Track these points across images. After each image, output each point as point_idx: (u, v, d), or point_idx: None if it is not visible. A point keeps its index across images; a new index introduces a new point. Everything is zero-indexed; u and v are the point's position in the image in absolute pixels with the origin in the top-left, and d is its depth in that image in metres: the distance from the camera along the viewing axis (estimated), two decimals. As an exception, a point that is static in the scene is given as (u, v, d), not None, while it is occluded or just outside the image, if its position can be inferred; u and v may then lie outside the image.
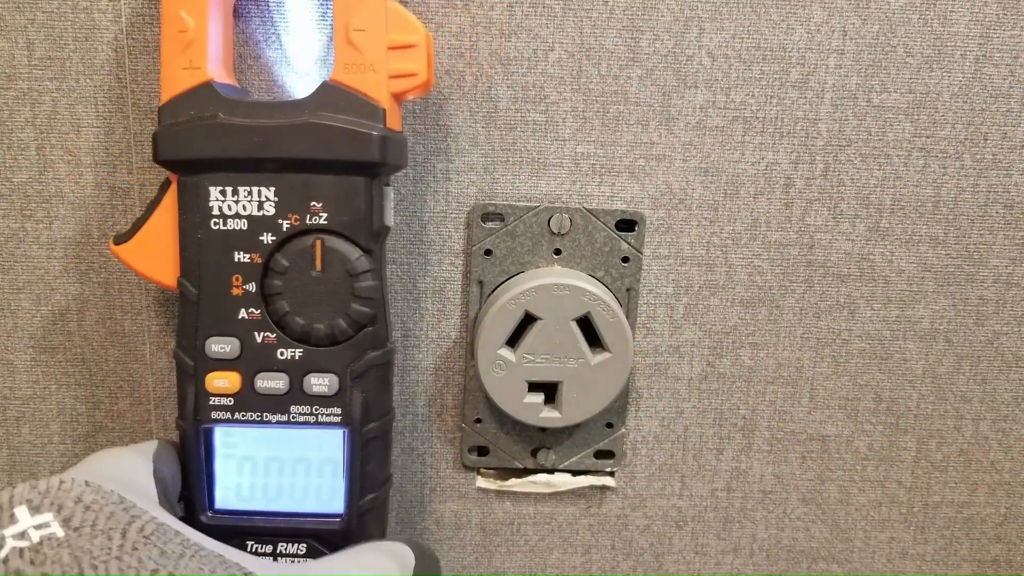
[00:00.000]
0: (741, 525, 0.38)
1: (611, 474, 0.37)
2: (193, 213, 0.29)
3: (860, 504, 0.38)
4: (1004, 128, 0.34)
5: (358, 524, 0.31)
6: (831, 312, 0.36)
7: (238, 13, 0.32)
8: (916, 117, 0.34)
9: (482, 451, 0.36)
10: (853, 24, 0.33)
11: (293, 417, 0.30)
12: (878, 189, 0.35)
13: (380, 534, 0.32)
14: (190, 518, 0.30)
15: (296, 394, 0.30)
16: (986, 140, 0.34)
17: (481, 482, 0.37)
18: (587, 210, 0.34)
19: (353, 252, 0.29)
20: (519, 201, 0.34)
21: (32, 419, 0.36)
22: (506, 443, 0.36)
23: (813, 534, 0.39)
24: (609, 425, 0.36)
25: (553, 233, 0.34)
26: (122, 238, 0.30)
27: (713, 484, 0.38)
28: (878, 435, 0.38)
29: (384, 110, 0.28)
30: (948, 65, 0.34)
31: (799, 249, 0.35)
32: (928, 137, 0.34)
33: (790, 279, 0.35)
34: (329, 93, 0.28)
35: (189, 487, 0.30)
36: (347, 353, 0.29)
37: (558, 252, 0.34)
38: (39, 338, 0.35)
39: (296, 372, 0.29)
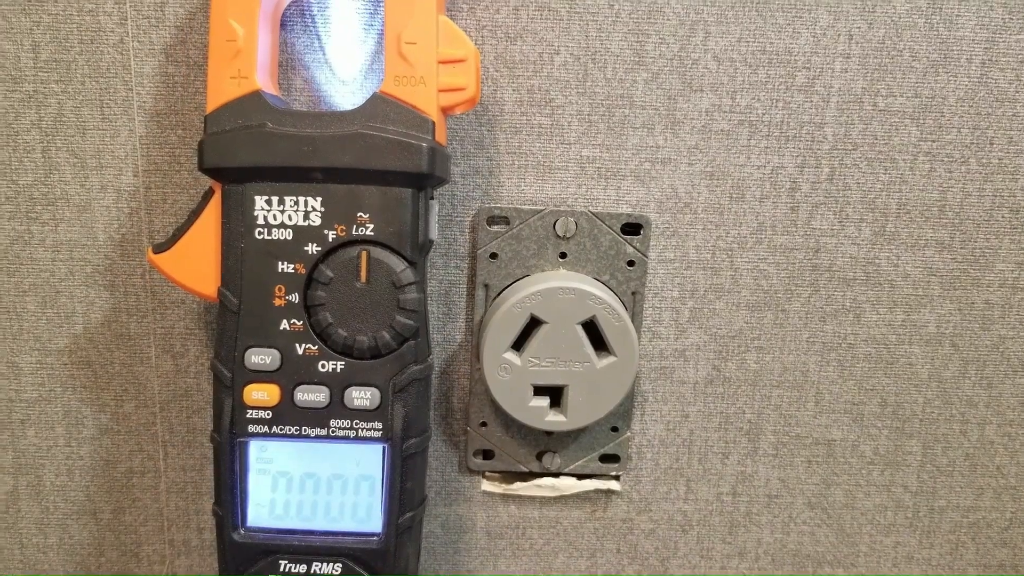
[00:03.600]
0: (746, 529, 0.38)
1: (616, 478, 0.37)
2: (237, 222, 0.28)
3: (866, 508, 0.38)
4: (1010, 132, 0.34)
5: (396, 544, 0.30)
6: (837, 316, 0.36)
7: (283, 23, 0.32)
8: (922, 121, 0.34)
9: (487, 455, 0.36)
10: (859, 28, 0.33)
11: (332, 431, 0.29)
12: (884, 193, 0.35)
13: (416, 554, 0.32)
14: (220, 536, 0.30)
15: (336, 408, 0.29)
16: (992, 144, 0.34)
17: (486, 485, 0.37)
18: (592, 214, 0.34)
19: (399, 264, 0.28)
20: (524, 204, 0.34)
21: (37, 422, 0.36)
22: (511, 447, 0.36)
23: (819, 538, 0.39)
24: (615, 429, 0.36)
25: (558, 237, 0.34)
26: (161, 247, 0.30)
27: (718, 488, 0.38)
28: (884, 439, 0.37)
29: (433, 123, 0.28)
30: (954, 69, 0.34)
31: (805, 253, 0.35)
32: (934, 141, 0.34)
33: (796, 283, 0.35)
34: (379, 105, 0.28)
35: (221, 504, 0.30)
36: (389, 366, 0.29)
37: (563, 256, 0.34)
38: (44, 341, 0.35)
39: (337, 385, 0.29)
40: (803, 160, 0.34)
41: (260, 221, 0.28)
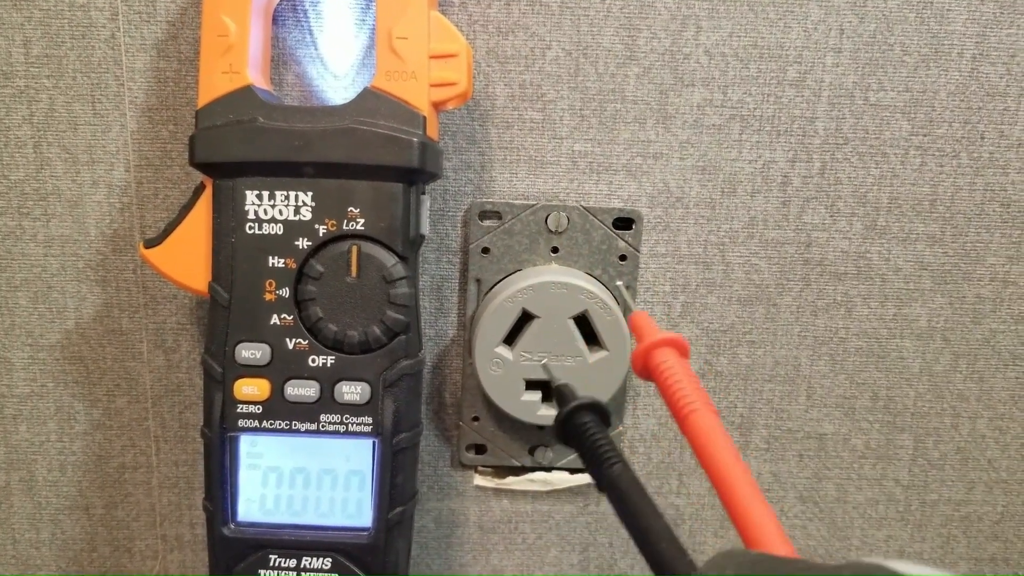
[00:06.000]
0: (738, 523, 0.38)
1: (608, 472, 0.37)
2: (227, 217, 0.28)
3: (857, 502, 0.38)
4: (1001, 127, 0.34)
5: (385, 539, 0.30)
6: (828, 310, 0.36)
7: (275, 19, 0.32)
8: (913, 115, 0.34)
9: (480, 449, 0.36)
10: (850, 22, 0.33)
11: (323, 426, 0.29)
12: (875, 187, 0.35)
13: (406, 549, 0.32)
14: (211, 531, 0.30)
15: (327, 402, 0.29)
16: (983, 139, 0.34)
17: (479, 480, 0.37)
18: (584, 208, 0.34)
19: (389, 259, 0.28)
20: (516, 199, 0.34)
21: (30, 417, 0.35)
22: (504, 441, 0.36)
23: (810, 532, 0.39)
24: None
25: (550, 231, 0.34)
26: (153, 242, 0.30)
27: (711, 482, 0.38)
28: (875, 433, 0.38)
29: (424, 117, 0.28)
30: (945, 64, 0.34)
31: (796, 247, 0.35)
32: (925, 135, 0.34)
33: (787, 277, 0.35)
34: (370, 100, 0.28)
35: (211, 498, 0.30)
36: (380, 361, 0.29)
37: (555, 250, 0.34)
38: (36, 336, 0.35)
39: (327, 380, 0.29)
40: (794, 154, 0.34)
41: (251, 216, 0.28)
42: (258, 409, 0.29)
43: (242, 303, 0.29)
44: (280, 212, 0.28)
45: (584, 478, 0.37)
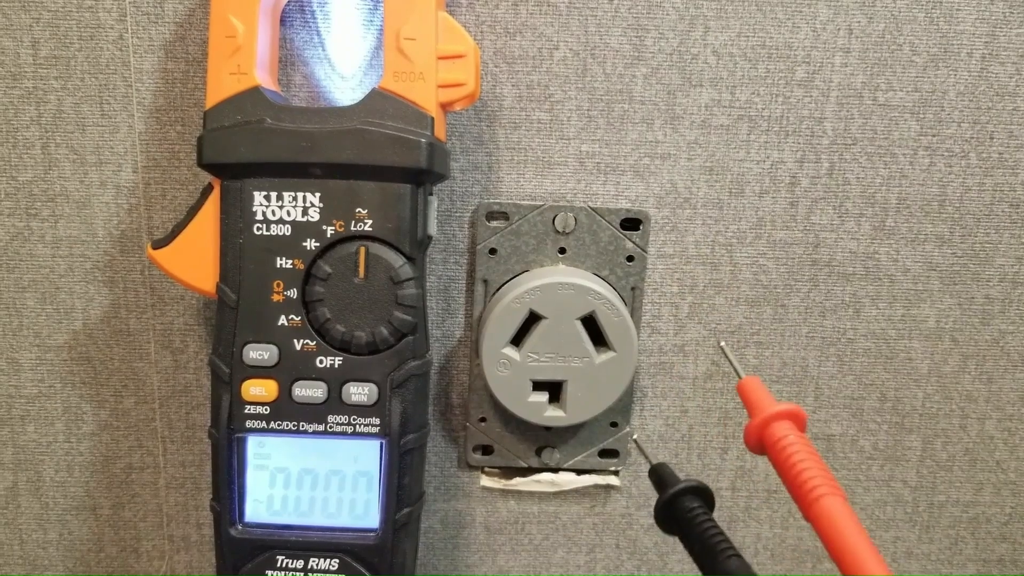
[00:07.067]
0: (746, 524, 0.38)
1: (615, 473, 0.37)
2: (235, 218, 0.28)
3: (865, 503, 0.38)
4: (1010, 127, 0.34)
5: (392, 540, 0.30)
6: (836, 311, 0.36)
7: (283, 20, 0.32)
8: (922, 116, 0.34)
9: (487, 450, 0.36)
10: (859, 22, 0.33)
11: (330, 427, 0.29)
12: (884, 188, 0.35)
13: (413, 550, 0.32)
14: (218, 531, 0.30)
15: (334, 403, 0.29)
16: (992, 139, 0.34)
17: (486, 481, 0.37)
18: (592, 209, 0.34)
19: (397, 260, 0.28)
20: (524, 200, 0.34)
21: (37, 417, 0.36)
22: (511, 442, 0.36)
23: (818, 533, 0.39)
24: (614, 424, 0.36)
25: (558, 232, 0.34)
26: (160, 243, 0.30)
27: (718, 483, 0.38)
28: (883, 434, 0.37)
29: (432, 118, 0.28)
30: (954, 64, 0.34)
31: (804, 248, 0.35)
32: (934, 136, 0.34)
33: (795, 278, 0.35)
34: (378, 100, 0.28)
35: (219, 499, 0.30)
36: (387, 362, 0.29)
37: (563, 251, 0.34)
38: (44, 337, 0.35)
39: (335, 381, 0.29)
40: (803, 155, 0.34)
41: (259, 217, 0.28)
42: (266, 410, 0.29)
43: (250, 304, 0.29)
44: (288, 213, 0.28)
45: (591, 479, 0.37)
